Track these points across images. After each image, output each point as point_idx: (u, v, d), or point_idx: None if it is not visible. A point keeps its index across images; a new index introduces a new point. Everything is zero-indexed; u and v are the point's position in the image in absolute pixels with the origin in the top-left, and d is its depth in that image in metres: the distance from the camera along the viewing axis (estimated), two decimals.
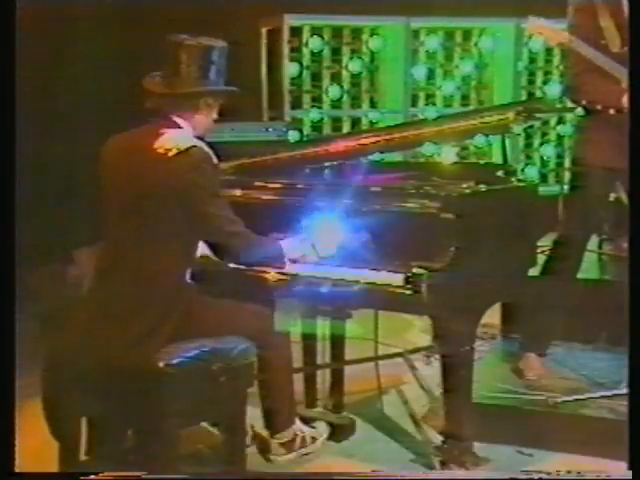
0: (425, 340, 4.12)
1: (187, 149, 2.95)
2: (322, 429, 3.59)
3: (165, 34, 3.13)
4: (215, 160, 3.03)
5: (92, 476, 2.75)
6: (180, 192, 2.92)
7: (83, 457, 3.04)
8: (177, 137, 2.98)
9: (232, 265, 3.21)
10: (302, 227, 3.30)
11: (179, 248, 3.00)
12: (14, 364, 2.67)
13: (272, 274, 3.23)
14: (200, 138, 3.09)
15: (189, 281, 3.07)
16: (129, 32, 5.54)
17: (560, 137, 6.73)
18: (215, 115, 3.18)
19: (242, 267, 3.22)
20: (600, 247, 5.12)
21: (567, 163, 6.50)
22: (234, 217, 3.05)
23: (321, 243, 3.24)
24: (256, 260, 3.20)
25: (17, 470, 2.68)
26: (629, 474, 2.57)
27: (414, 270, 3.01)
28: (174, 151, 2.93)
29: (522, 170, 6.50)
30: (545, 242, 4.11)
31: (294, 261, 3.20)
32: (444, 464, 3.28)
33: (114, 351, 2.89)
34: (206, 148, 3.01)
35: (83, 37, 5.55)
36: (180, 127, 3.05)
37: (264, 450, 3.36)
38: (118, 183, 3.03)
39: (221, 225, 3.03)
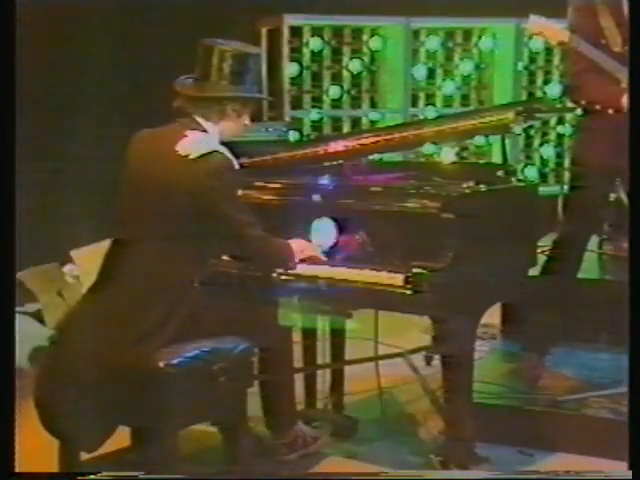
0: (425, 340, 4.11)
1: (208, 153, 2.95)
2: (323, 429, 3.59)
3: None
4: (236, 166, 3.04)
5: (92, 476, 2.75)
6: (197, 195, 2.92)
7: (83, 457, 3.05)
8: (199, 140, 2.99)
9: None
10: (302, 227, 3.30)
11: (190, 251, 3.00)
12: (14, 364, 2.67)
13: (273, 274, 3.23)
14: (226, 142, 3.09)
15: (196, 285, 3.06)
16: (129, 32, 5.54)
17: (560, 137, 6.73)
18: (246, 121, 3.18)
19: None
20: (600, 247, 5.12)
21: (567, 163, 6.49)
22: (252, 220, 3.04)
23: (320, 243, 3.25)
24: (271, 263, 3.19)
25: (17, 470, 2.68)
26: (629, 474, 2.57)
27: (414, 270, 3.01)
28: (195, 155, 2.93)
29: (522, 170, 6.50)
30: (545, 242, 4.11)
31: (301, 262, 3.21)
32: (444, 464, 3.27)
33: (115, 350, 2.89)
34: (228, 154, 3.01)
35: (83, 36, 5.54)
36: (206, 130, 3.05)
37: (265, 450, 3.36)
38: (139, 181, 3.04)
39: (238, 228, 3.03)
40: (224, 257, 3.35)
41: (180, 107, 3.08)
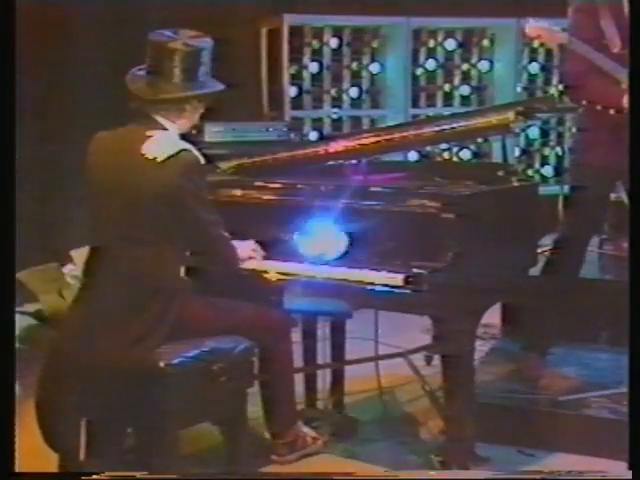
0: (425, 340, 4.12)
1: (177, 153, 2.93)
2: (323, 429, 3.59)
3: (151, 32, 3.09)
4: (203, 161, 3.02)
5: (92, 476, 2.75)
6: (171, 196, 2.91)
7: (83, 457, 3.04)
8: (166, 141, 2.97)
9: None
10: (300, 227, 3.30)
11: (170, 249, 3.00)
12: (14, 364, 2.67)
13: (272, 274, 3.23)
14: (193, 139, 3.08)
15: (185, 277, 3.06)
16: (129, 32, 5.53)
17: (560, 137, 6.73)
18: (202, 110, 3.16)
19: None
20: (600, 247, 5.12)
21: (567, 163, 6.49)
22: (216, 219, 3.05)
23: (318, 243, 3.25)
24: (224, 263, 3.19)
25: (17, 470, 2.68)
26: (629, 474, 2.57)
27: (414, 270, 3.01)
28: (164, 156, 2.92)
29: (523, 170, 6.50)
30: (545, 242, 4.11)
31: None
32: (444, 464, 3.27)
33: (112, 351, 2.88)
34: (195, 151, 3.00)
35: (83, 37, 5.54)
36: (165, 128, 3.03)
37: (265, 450, 3.36)
38: (107, 185, 3.02)
39: (203, 226, 3.03)
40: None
41: (137, 106, 3.06)
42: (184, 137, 3.08)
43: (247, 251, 3.25)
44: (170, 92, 3.01)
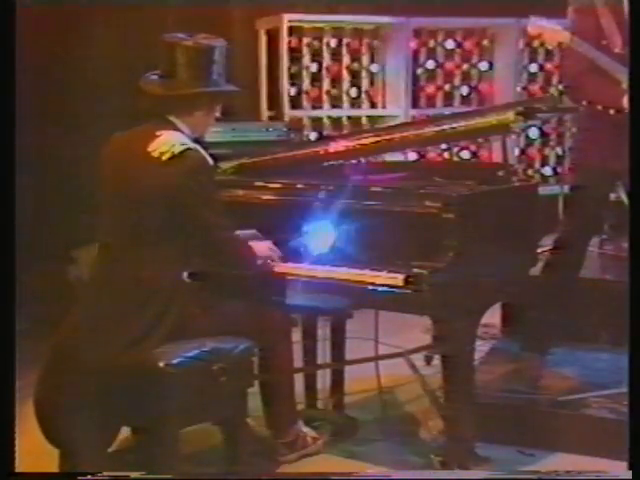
0: (425, 340, 4.12)
1: (181, 152, 2.92)
2: (323, 429, 3.59)
3: (165, 34, 3.12)
4: (211, 162, 3.02)
5: (92, 476, 2.75)
6: (174, 196, 2.91)
7: (81, 456, 3.04)
8: (172, 140, 2.96)
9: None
10: (300, 227, 3.31)
11: (175, 250, 2.99)
12: (14, 364, 2.67)
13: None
14: (198, 139, 3.08)
15: (187, 280, 3.06)
16: (129, 32, 5.54)
17: (560, 137, 6.73)
18: (217, 114, 3.17)
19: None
20: (600, 247, 5.13)
21: (567, 163, 6.50)
22: (224, 221, 3.04)
23: (316, 243, 3.25)
24: (236, 265, 3.20)
25: (17, 470, 2.68)
26: (629, 474, 2.57)
27: (414, 270, 3.01)
28: (168, 155, 2.91)
29: (523, 170, 6.49)
30: (545, 242, 4.11)
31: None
32: (444, 464, 3.27)
33: (113, 351, 2.88)
34: (201, 151, 2.99)
35: (83, 37, 5.54)
36: (177, 128, 3.03)
37: (265, 450, 3.36)
38: (115, 185, 3.03)
39: (212, 231, 3.02)
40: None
41: (149, 107, 3.07)
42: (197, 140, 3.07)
43: (265, 251, 3.23)
44: (180, 89, 3.02)
